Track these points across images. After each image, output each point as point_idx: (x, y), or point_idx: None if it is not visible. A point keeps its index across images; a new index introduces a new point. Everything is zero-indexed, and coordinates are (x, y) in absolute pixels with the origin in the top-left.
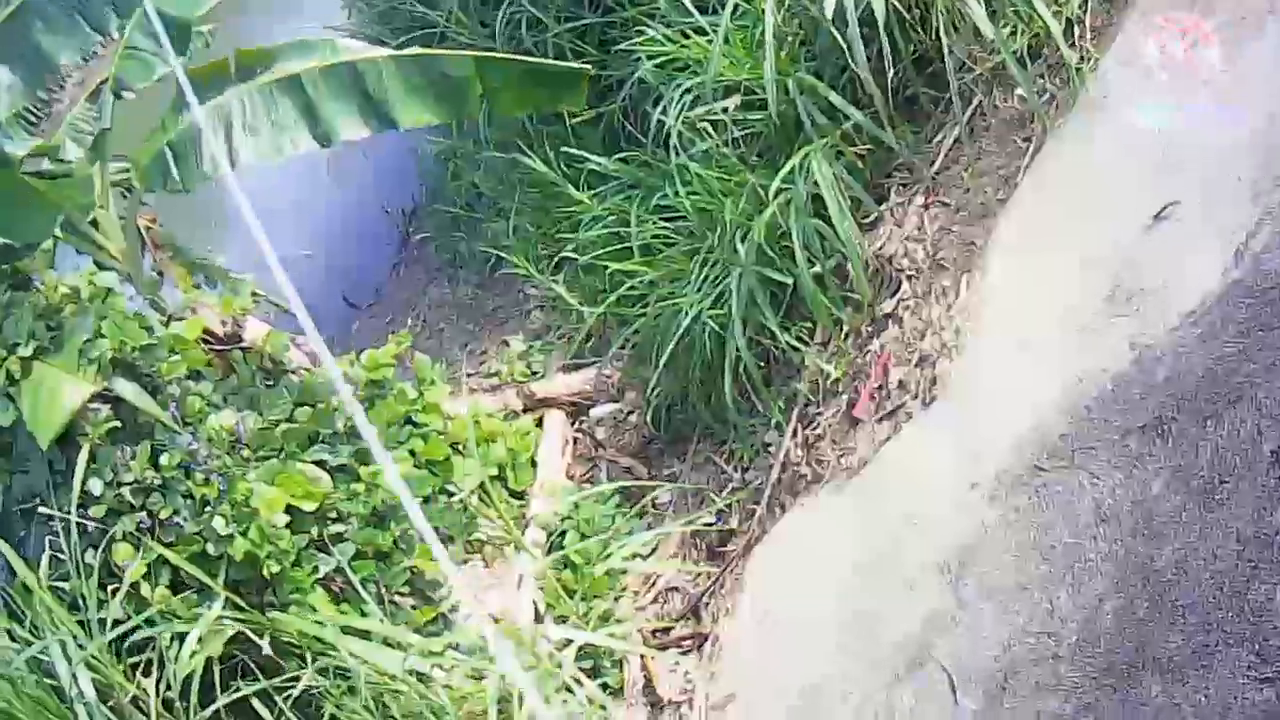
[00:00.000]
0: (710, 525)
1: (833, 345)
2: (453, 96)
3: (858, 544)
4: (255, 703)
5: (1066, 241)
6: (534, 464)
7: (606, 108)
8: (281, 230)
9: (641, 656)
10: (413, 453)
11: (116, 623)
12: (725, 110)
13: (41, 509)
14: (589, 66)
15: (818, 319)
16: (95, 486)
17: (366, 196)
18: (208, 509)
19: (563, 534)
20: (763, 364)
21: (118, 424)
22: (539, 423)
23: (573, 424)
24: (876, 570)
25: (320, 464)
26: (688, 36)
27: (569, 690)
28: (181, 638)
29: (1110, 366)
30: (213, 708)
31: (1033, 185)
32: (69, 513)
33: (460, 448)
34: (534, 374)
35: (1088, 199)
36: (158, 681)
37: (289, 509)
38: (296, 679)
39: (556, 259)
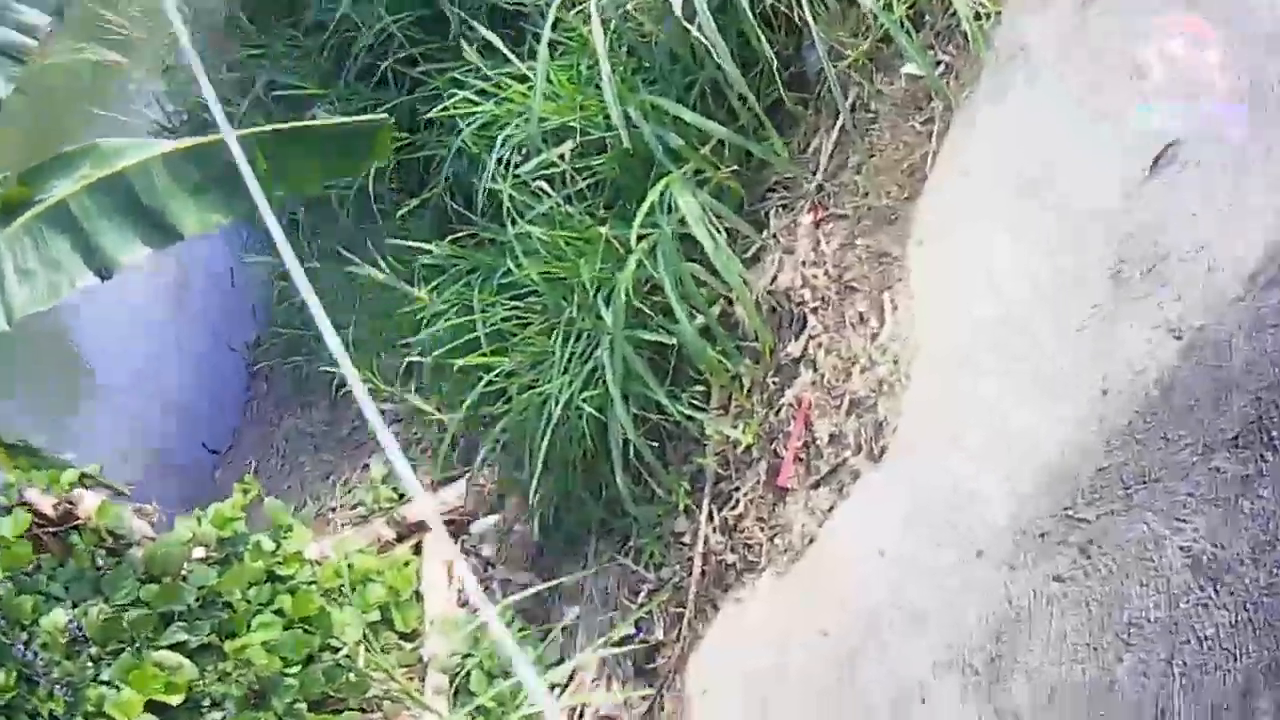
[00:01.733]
0: (632, 639)
1: (735, 406)
2: (239, 185)
3: (817, 651)
4: None
5: (1020, 225)
6: (419, 597)
7: (430, 193)
8: (138, 388)
9: None
10: (280, 612)
11: None
12: (561, 159)
13: None
14: (387, 116)
15: (712, 379)
16: None
17: (216, 336)
18: None
19: (465, 673)
20: (655, 442)
21: None
22: (416, 549)
23: (455, 543)
24: (848, 686)
25: (179, 647)
26: (503, 89)
27: None
28: None
29: (1147, 365)
30: None
31: (950, 172)
32: None
33: (335, 595)
34: (401, 496)
35: (1033, 169)
36: None
37: (154, 707)
38: None
39: (404, 366)
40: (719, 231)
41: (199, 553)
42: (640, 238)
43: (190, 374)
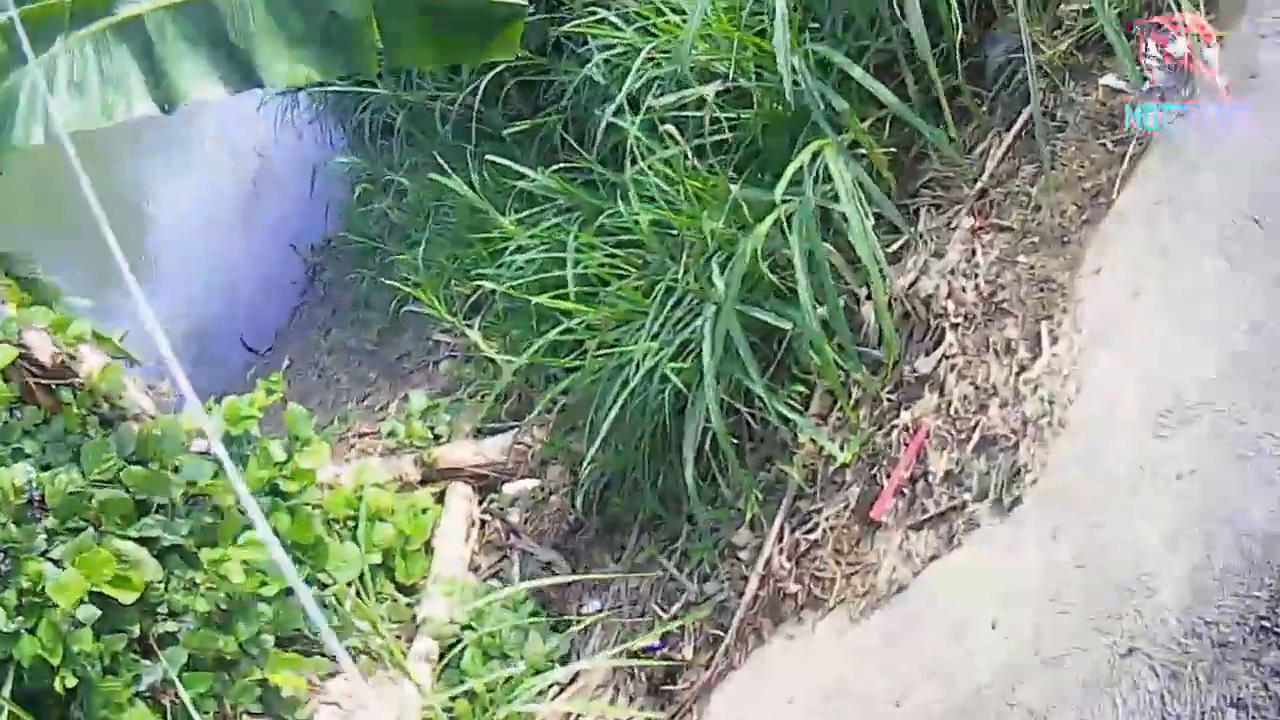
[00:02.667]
0: (653, 651)
1: (837, 417)
2: (341, 44)
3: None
4: None
5: (1212, 271)
6: (429, 550)
7: (543, 119)
8: (193, 274)
9: None
10: (274, 531)
11: None
12: (704, 101)
13: None
14: (524, 3)
15: (819, 381)
16: None
17: (279, 233)
18: None
19: (460, 647)
20: (736, 438)
21: None
22: (439, 498)
23: (481, 502)
24: None
25: (148, 542)
26: (649, 17)
27: None
28: None
29: None
30: None
31: (1142, 199)
32: None
33: (338, 526)
34: (437, 438)
35: (1258, 207)
36: None
37: (100, 599)
38: None
39: (473, 298)
40: (868, 214)
41: (200, 445)
42: (773, 205)
43: (247, 269)
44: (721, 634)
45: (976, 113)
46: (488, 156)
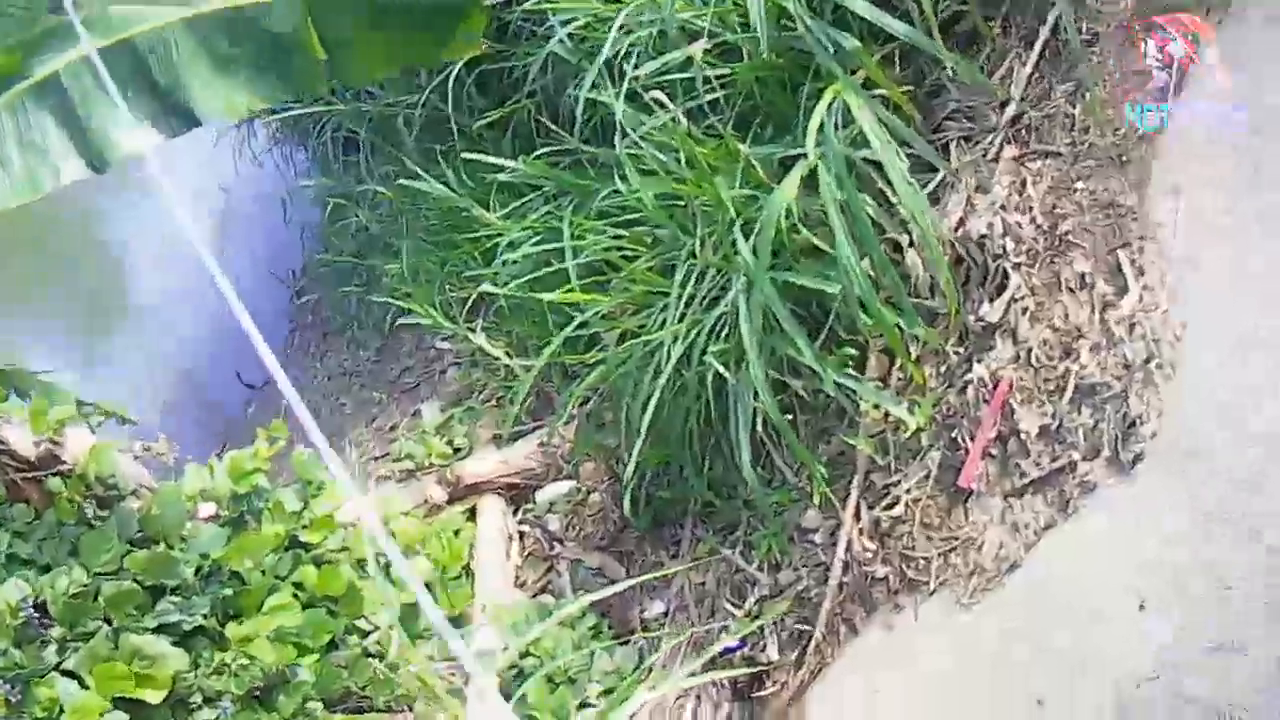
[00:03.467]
0: (733, 653)
1: (897, 378)
2: (280, 64)
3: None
4: None
5: None
6: (469, 574)
7: (512, 108)
8: (179, 316)
9: None
10: (300, 586)
11: None
12: (687, 63)
13: None
14: None
15: (871, 343)
16: None
17: (257, 264)
18: None
19: (521, 676)
20: (788, 412)
21: None
22: (471, 516)
23: (516, 513)
24: None
25: (168, 629)
26: None
27: None
28: None
29: None
30: None
31: (1207, 98)
32: None
33: (365, 566)
34: (457, 451)
35: None
36: None
37: (127, 704)
38: None
39: (470, 301)
40: (902, 156)
41: (207, 509)
42: (787, 161)
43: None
44: (808, 628)
45: (989, 34)
46: (461, 154)
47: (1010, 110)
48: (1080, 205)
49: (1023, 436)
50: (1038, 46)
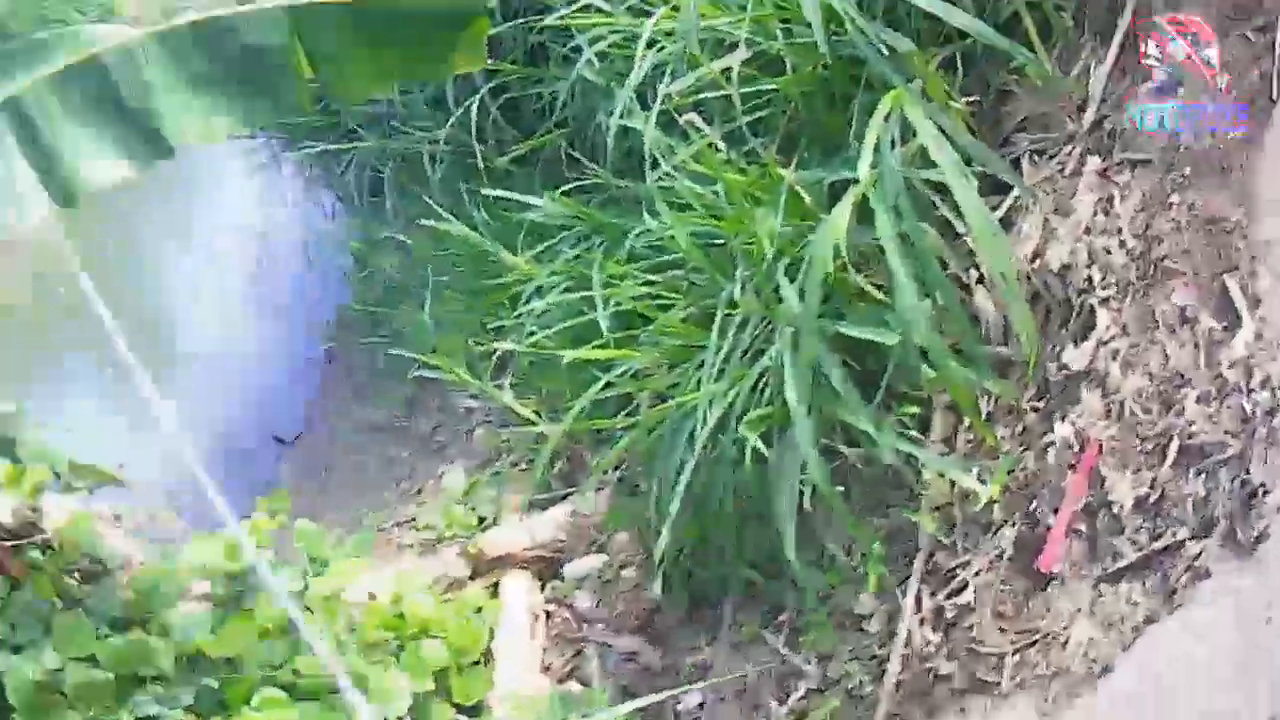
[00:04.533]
0: None
1: (965, 440)
2: (263, 81)
3: None
4: None
5: None
6: (489, 658)
7: (541, 139)
8: (213, 368)
9: None
10: (298, 674)
11: None
12: (725, 75)
13: None
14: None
15: (936, 398)
16: None
17: (292, 311)
18: None
19: None
20: (840, 484)
21: None
22: (494, 592)
23: (543, 589)
24: None
25: None
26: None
27: None
28: None
29: None
30: None
31: None
32: None
33: (379, 650)
34: (481, 521)
35: None
36: None
37: None
38: None
39: (498, 355)
40: (969, 176)
41: (202, 587)
42: (837, 188)
43: (264, 355)
44: None
45: (1060, 26)
46: (484, 191)
47: (1089, 114)
48: (1177, 223)
49: (1116, 510)
50: (1116, 38)
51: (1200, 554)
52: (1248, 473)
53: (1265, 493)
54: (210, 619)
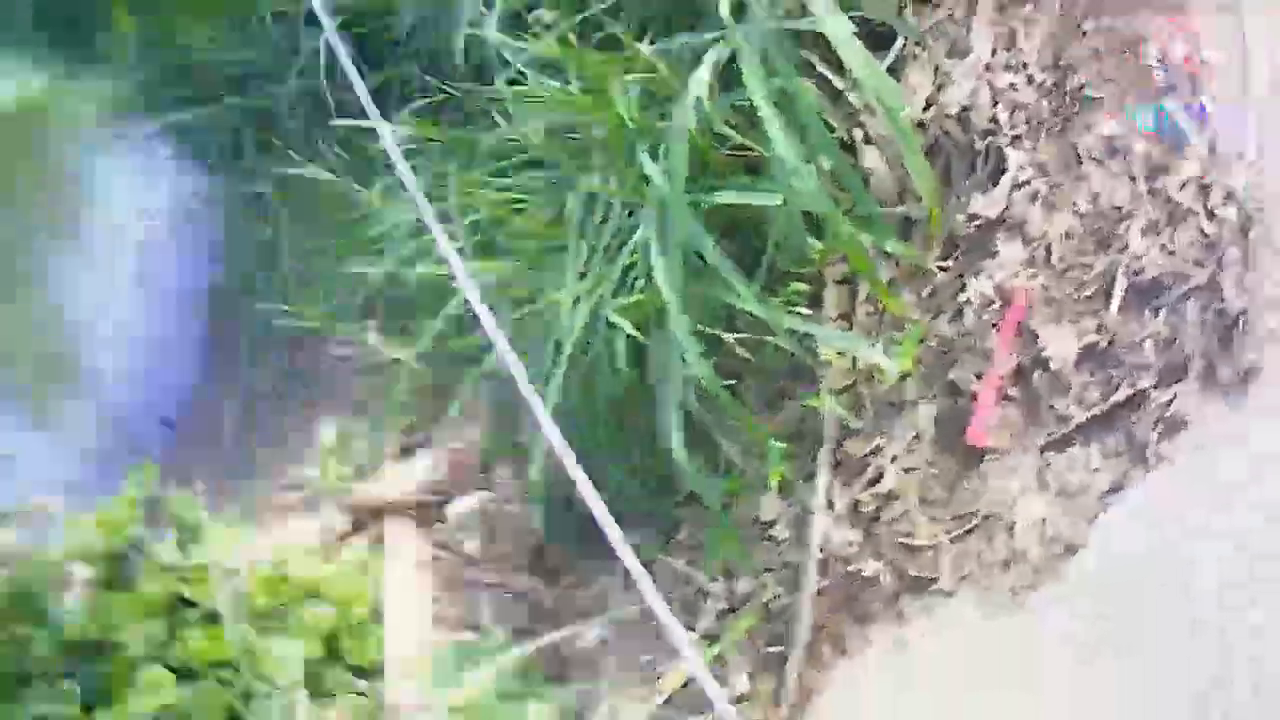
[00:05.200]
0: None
1: (865, 313)
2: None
3: None
4: None
5: None
6: (378, 615)
7: (396, 67)
8: (113, 363)
9: None
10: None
11: None
12: None
13: None
14: None
15: (827, 271)
16: None
17: (177, 293)
18: None
19: None
20: (730, 379)
21: None
22: (378, 544)
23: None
24: None
25: None
26: None
27: None
28: None
29: None
30: None
31: None
32: None
33: (267, 619)
34: (360, 471)
35: None
36: None
37: None
38: None
39: (365, 298)
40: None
41: (85, 573)
42: (703, 54)
43: (151, 341)
44: (783, 648)
45: None
46: (332, 123)
47: None
48: (1095, 50)
49: (1056, 367)
50: None
51: (1172, 401)
52: (1221, 301)
53: (1245, 320)
54: (87, 603)
